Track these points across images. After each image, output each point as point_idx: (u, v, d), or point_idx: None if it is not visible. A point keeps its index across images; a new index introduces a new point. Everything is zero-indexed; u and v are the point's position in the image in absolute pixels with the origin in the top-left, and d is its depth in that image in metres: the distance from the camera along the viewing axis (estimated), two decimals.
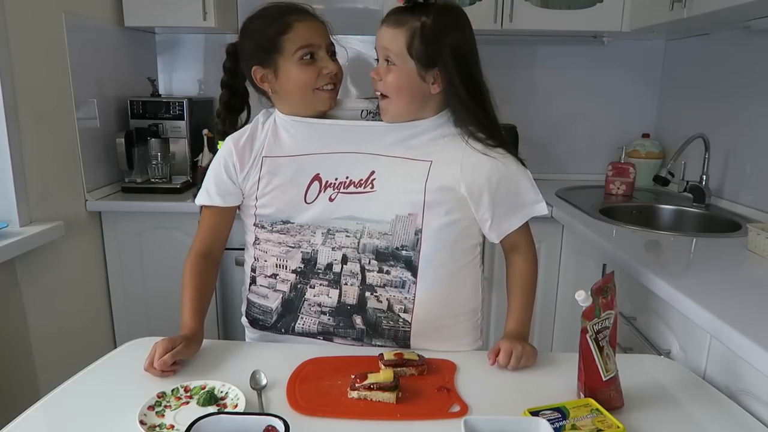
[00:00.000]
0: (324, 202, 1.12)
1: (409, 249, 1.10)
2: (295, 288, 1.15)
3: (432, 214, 1.08)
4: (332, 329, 1.14)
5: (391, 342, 1.13)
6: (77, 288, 2.05)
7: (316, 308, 1.14)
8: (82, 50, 2.03)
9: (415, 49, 1.06)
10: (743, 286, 1.29)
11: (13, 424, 0.86)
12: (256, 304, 1.20)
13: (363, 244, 1.11)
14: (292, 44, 1.11)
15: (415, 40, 1.06)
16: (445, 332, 1.15)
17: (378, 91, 1.12)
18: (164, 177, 2.31)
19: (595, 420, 0.85)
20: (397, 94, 1.09)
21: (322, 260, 1.13)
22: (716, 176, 2.11)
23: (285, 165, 1.14)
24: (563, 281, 2.13)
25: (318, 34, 1.14)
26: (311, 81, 1.13)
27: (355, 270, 1.12)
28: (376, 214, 1.10)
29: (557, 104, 2.65)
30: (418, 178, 1.09)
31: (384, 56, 1.10)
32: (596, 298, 0.91)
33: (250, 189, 1.16)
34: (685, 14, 1.78)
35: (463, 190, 1.08)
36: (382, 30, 1.10)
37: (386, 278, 1.11)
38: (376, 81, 1.12)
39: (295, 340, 1.17)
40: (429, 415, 0.90)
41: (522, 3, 2.22)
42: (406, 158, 1.11)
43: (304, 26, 1.12)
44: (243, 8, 2.55)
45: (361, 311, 1.12)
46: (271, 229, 1.15)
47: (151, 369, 0.99)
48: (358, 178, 1.11)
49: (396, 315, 1.12)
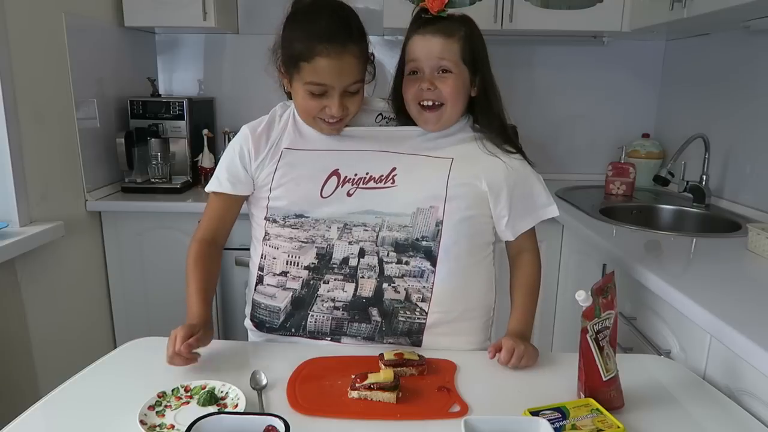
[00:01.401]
0: (341, 197, 1.12)
1: (429, 239, 1.11)
2: (307, 285, 1.14)
3: (452, 206, 1.11)
4: (346, 324, 1.13)
5: (404, 338, 1.14)
6: (77, 288, 2.05)
7: (329, 303, 1.13)
8: (82, 50, 2.03)
9: (467, 57, 1.12)
10: (743, 287, 1.29)
11: (13, 424, 0.86)
12: (263, 304, 1.18)
13: (382, 237, 1.12)
14: (306, 74, 1.06)
15: (466, 48, 1.12)
16: (458, 326, 1.16)
17: (427, 101, 1.12)
18: (164, 177, 2.31)
19: (595, 420, 0.85)
20: (455, 101, 1.13)
21: (337, 255, 1.13)
22: (716, 176, 2.11)
23: (305, 158, 1.15)
24: (563, 281, 2.13)
25: (337, 75, 1.05)
26: (312, 111, 1.11)
27: (373, 263, 1.12)
28: (396, 207, 1.12)
29: (557, 104, 2.65)
30: (439, 173, 1.12)
31: (437, 66, 1.11)
32: (596, 298, 0.91)
33: (264, 179, 1.15)
34: (685, 14, 1.78)
35: (484, 186, 1.12)
36: (432, 41, 1.11)
37: (405, 269, 1.12)
38: (426, 92, 1.11)
39: (304, 342, 1.16)
40: (429, 415, 0.90)
41: (522, 3, 2.22)
42: (427, 156, 1.14)
43: (326, 64, 1.03)
44: (243, 8, 2.55)
45: (377, 303, 1.13)
46: (283, 224, 1.14)
47: (176, 358, 0.98)
48: (379, 174, 1.13)
49: (413, 305, 1.12)
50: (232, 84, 2.61)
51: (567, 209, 2.01)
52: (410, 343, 1.14)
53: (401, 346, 1.13)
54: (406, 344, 1.14)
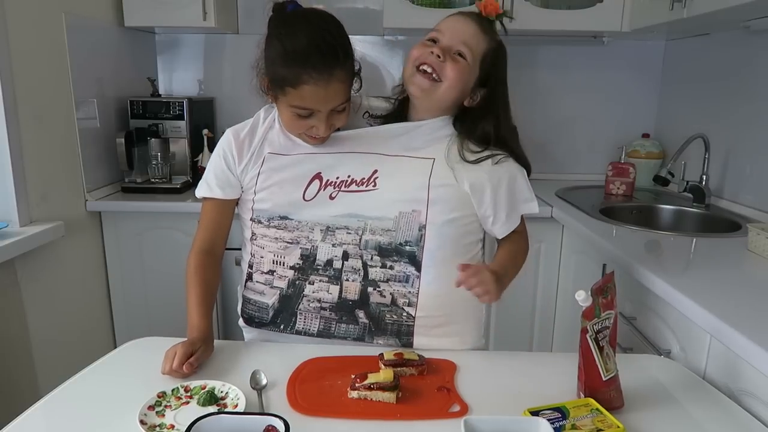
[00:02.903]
0: (323, 200, 1.12)
1: (412, 244, 1.11)
2: (293, 284, 1.14)
3: (435, 210, 1.10)
4: (334, 324, 1.14)
5: (394, 339, 1.13)
6: (77, 288, 2.05)
7: (315, 304, 1.14)
8: (82, 50, 2.03)
9: (487, 62, 1.11)
10: (743, 286, 1.29)
11: (13, 424, 0.86)
12: (252, 300, 1.19)
13: (365, 240, 1.11)
14: (292, 99, 1.04)
15: (491, 55, 1.12)
16: (448, 328, 1.15)
17: (428, 67, 1.08)
18: (164, 177, 2.31)
19: (595, 420, 0.85)
20: (451, 88, 1.10)
21: (321, 256, 1.13)
22: (716, 176, 2.11)
23: (287, 162, 1.14)
24: (563, 281, 2.13)
25: (323, 101, 1.04)
26: (298, 129, 1.11)
27: (357, 266, 1.12)
28: (378, 211, 1.11)
29: (557, 104, 2.65)
30: (421, 175, 1.10)
31: (458, 48, 1.09)
32: (596, 298, 0.91)
33: (248, 182, 1.16)
34: (685, 14, 1.78)
35: (466, 187, 1.11)
36: (468, 23, 1.10)
37: (390, 273, 1.11)
38: (432, 56, 1.08)
39: (294, 339, 1.16)
40: (429, 415, 0.90)
41: (522, 3, 2.22)
42: (408, 156, 1.12)
43: (311, 92, 1.02)
44: (243, 8, 2.55)
45: (363, 306, 1.12)
46: (268, 225, 1.14)
47: (173, 373, 0.97)
48: (360, 177, 1.12)
49: (400, 309, 1.12)
50: (232, 84, 2.61)
51: (567, 209, 2.01)
52: (401, 344, 1.13)
53: (391, 347, 1.12)
54: (396, 345, 1.13)
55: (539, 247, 2.13)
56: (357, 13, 2.53)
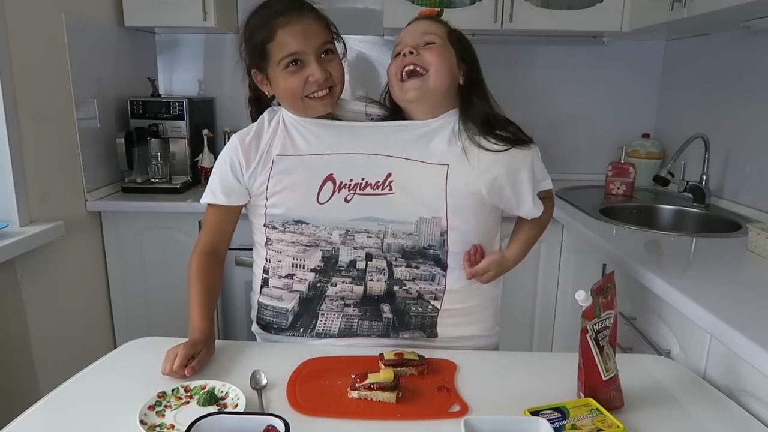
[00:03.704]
0: (338, 203, 1.11)
1: (436, 248, 1.12)
2: (314, 287, 1.13)
3: (456, 218, 1.10)
4: (356, 322, 1.13)
5: (419, 332, 1.14)
6: (77, 288, 2.05)
7: (338, 302, 1.13)
8: (82, 50, 2.03)
9: (454, 38, 1.14)
10: (743, 286, 1.29)
11: (13, 424, 0.86)
12: (269, 306, 1.17)
13: (387, 243, 1.11)
14: (276, 52, 1.08)
15: (453, 34, 1.15)
16: (470, 317, 1.17)
17: (409, 66, 1.09)
18: (164, 177, 2.31)
19: (595, 420, 0.85)
20: (438, 69, 1.10)
21: (344, 258, 1.12)
22: (716, 176, 2.11)
23: (297, 164, 1.13)
24: (563, 281, 2.13)
25: (303, 38, 1.07)
26: (298, 89, 1.10)
27: (382, 266, 1.12)
28: (398, 215, 1.11)
29: (557, 104, 2.65)
30: (437, 182, 1.10)
31: (423, 40, 1.11)
32: (596, 298, 0.91)
33: (258, 188, 1.14)
34: (685, 14, 1.78)
35: (484, 192, 1.11)
36: (417, 23, 1.14)
37: (415, 272, 1.12)
38: (406, 57, 1.10)
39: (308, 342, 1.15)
40: (429, 415, 0.90)
41: (522, 3, 2.22)
42: (421, 162, 1.11)
43: (288, 33, 1.06)
44: (243, 8, 2.55)
45: (389, 300, 1.13)
46: (284, 230, 1.13)
47: (173, 374, 0.97)
48: (375, 180, 1.11)
49: (426, 302, 1.13)
50: (232, 84, 2.60)
51: (567, 209, 2.01)
52: (425, 337, 1.14)
53: (416, 341, 1.14)
54: (421, 338, 1.14)
55: (539, 247, 2.12)
56: (357, 13, 2.53)
